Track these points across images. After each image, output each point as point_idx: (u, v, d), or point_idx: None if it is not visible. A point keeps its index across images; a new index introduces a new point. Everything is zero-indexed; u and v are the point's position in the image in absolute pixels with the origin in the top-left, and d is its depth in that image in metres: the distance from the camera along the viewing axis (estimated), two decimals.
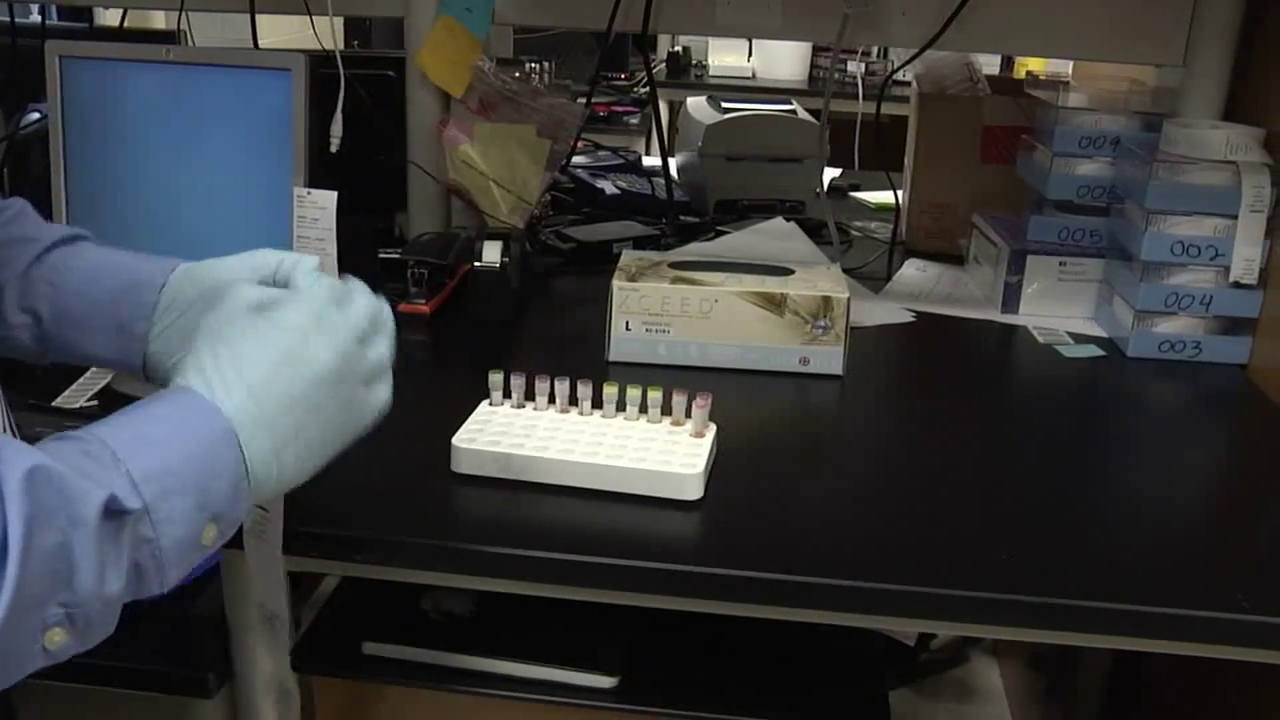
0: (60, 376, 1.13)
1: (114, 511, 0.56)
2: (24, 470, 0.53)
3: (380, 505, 0.87)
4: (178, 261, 0.82)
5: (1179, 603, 0.79)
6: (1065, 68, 1.90)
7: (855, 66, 3.32)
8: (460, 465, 0.91)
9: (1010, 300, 1.41)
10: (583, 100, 1.51)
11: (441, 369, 0.75)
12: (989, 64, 2.05)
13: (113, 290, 0.80)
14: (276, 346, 0.66)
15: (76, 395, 1.10)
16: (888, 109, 1.63)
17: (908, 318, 1.39)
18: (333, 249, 1.12)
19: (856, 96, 2.72)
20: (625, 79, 3.52)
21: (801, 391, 1.15)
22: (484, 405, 0.99)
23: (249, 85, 1.12)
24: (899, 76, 1.69)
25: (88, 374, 1.15)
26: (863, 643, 1.04)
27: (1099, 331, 1.36)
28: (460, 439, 0.92)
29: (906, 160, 1.74)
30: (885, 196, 1.79)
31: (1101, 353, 1.29)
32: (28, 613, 0.53)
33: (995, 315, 1.41)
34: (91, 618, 0.57)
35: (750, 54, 3.83)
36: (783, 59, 3.77)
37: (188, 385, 0.64)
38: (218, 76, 1.13)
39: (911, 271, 1.58)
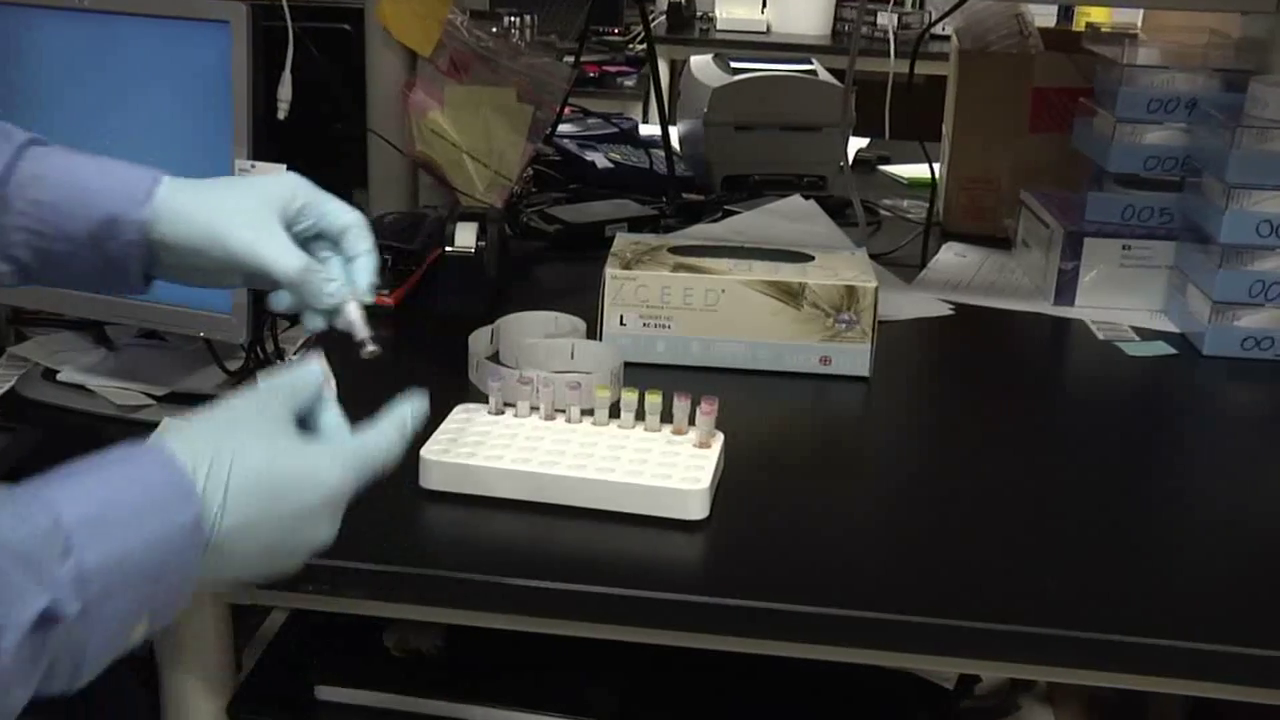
0: None
1: (47, 620, 0.57)
2: None
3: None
4: (153, 179, 0.83)
5: (1260, 642, 0.79)
6: (1133, 18, 1.91)
7: (886, 19, 3.33)
8: (429, 480, 0.92)
9: (1064, 290, 1.41)
10: (570, 59, 1.51)
11: (408, 370, 0.75)
12: (1043, 15, 2.06)
13: (90, 229, 0.82)
14: (288, 503, 0.68)
15: None
16: (923, 68, 1.64)
17: (945, 310, 1.40)
18: None
19: (887, 54, 2.73)
20: (619, 34, 3.52)
21: (821, 395, 1.15)
22: (457, 411, 0.99)
23: (180, 38, 1.12)
24: (936, 30, 1.70)
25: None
26: (893, 686, 1.05)
27: (1169, 326, 1.36)
28: (429, 450, 0.92)
29: (944, 128, 1.74)
30: (920, 170, 1.80)
31: (1172, 351, 1.30)
32: None
33: (1047, 308, 1.41)
34: None
35: (764, 5, 3.84)
36: (801, 11, 3.78)
37: (175, 459, 0.64)
38: (143, 28, 1.13)
39: (949, 257, 1.59)
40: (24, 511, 0.58)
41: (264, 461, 0.67)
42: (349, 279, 0.83)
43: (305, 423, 0.74)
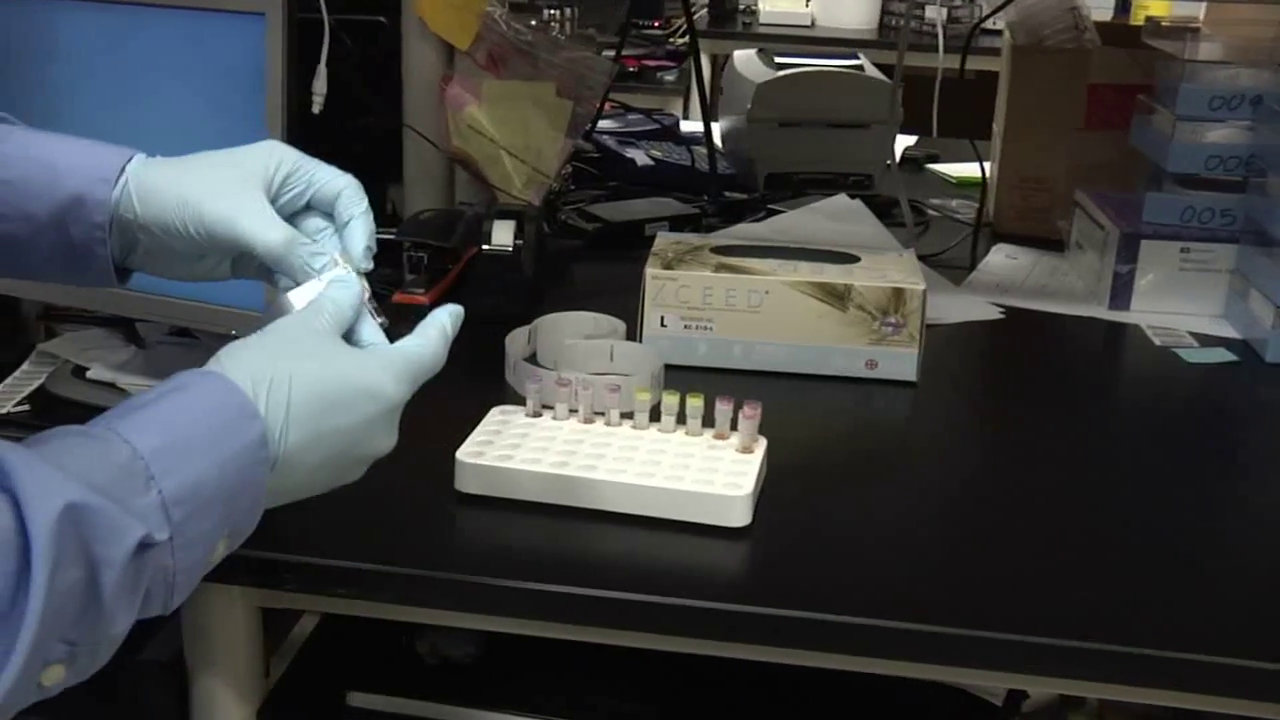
0: None
1: (143, 547, 0.61)
2: (58, 509, 0.57)
3: (369, 529, 0.88)
4: (125, 156, 0.80)
5: None
6: (1195, 11, 1.89)
7: (935, 12, 3.32)
8: (464, 483, 0.92)
9: (1120, 294, 1.40)
10: (610, 53, 1.52)
11: (444, 370, 0.76)
12: (1100, 8, 2.05)
13: (54, 210, 0.79)
14: (347, 415, 0.71)
15: (3, 399, 1.12)
16: (973, 63, 1.64)
17: (995, 314, 1.40)
18: None
19: (936, 49, 2.71)
20: (660, 27, 3.53)
21: (867, 400, 1.15)
22: (494, 413, 1.00)
23: (211, 31, 1.12)
24: (988, 24, 1.69)
25: (16, 374, 1.17)
26: (940, 701, 1.04)
27: (1230, 332, 1.35)
28: (465, 453, 0.93)
29: (995, 126, 1.74)
30: (969, 169, 1.79)
31: (1233, 358, 1.29)
32: (35, 653, 0.57)
33: (1101, 312, 1.41)
34: (95, 654, 0.61)
35: None
36: (847, 4, 3.77)
37: (234, 383, 0.67)
38: (172, 20, 1.13)
39: (1000, 259, 1.58)
40: (104, 449, 0.62)
41: (319, 377, 0.70)
42: (344, 249, 0.79)
43: (349, 336, 0.76)
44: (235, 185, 0.78)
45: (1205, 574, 0.89)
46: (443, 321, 0.77)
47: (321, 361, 0.71)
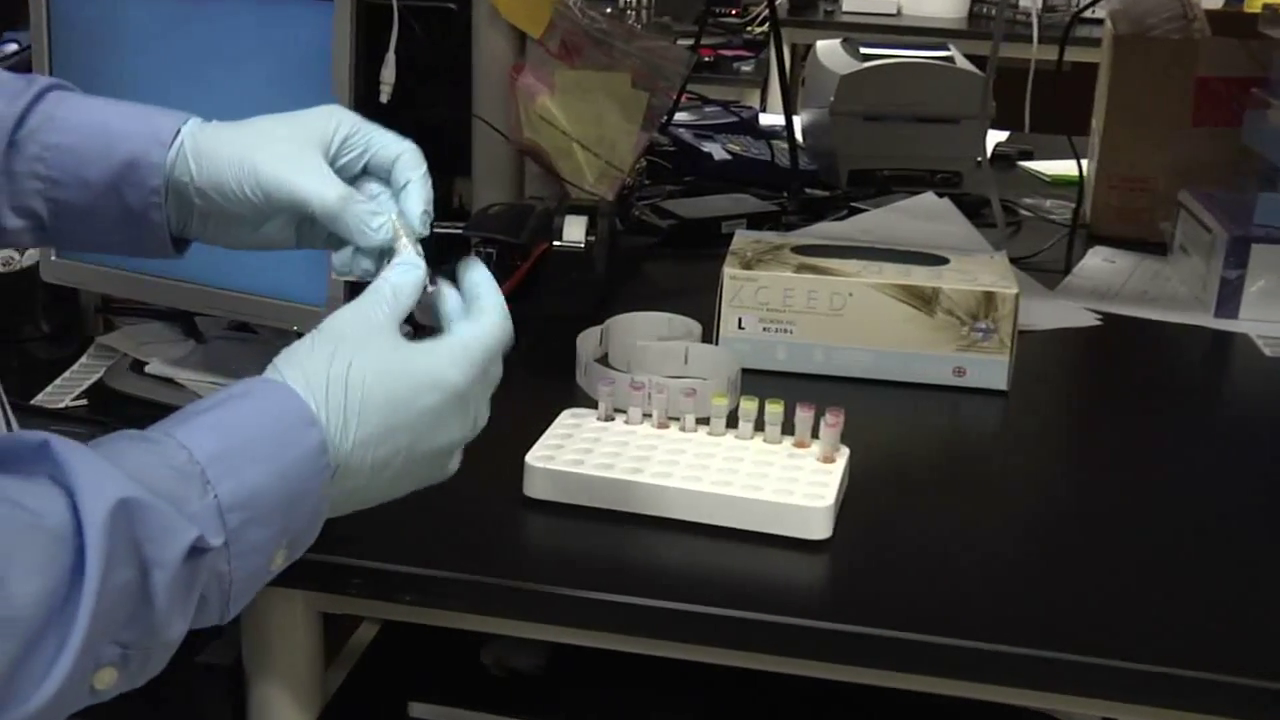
0: (41, 370, 1.18)
1: (197, 551, 0.62)
2: (112, 503, 0.58)
3: (435, 534, 0.90)
4: (180, 120, 0.82)
5: None
6: None
7: (1030, 1, 3.29)
8: (534, 489, 0.94)
9: (1228, 301, 1.39)
10: (688, 43, 1.52)
11: (513, 371, 0.77)
12: None
13: (109, 175, 0.81)
14: (410, 410, 0.72)
15: (61, 393, 1.15)
16: (1071, 55, 1.62)
17: (1091, 321, 1.39)
18: None
19: (1030, 39, 2.70)
20: (737, 15, 3.53)
21: (954, 409, 1.15)
22: (564, 416, 1.01)
23: (278, 16, 1.14)
24: (1087, 13, 1.68)
25: (73, 368, 1.20)
26: None
27: None
28: (534, 457, 0.94)
29: (1094, 121, 1.72)
30: (1065, 167, 1.78)
31: None
32: (87, 652, 0.58)
33: (1207, 320, 1.39)
34: (148, 658, 0.62)
35: None
36: None
37: (293, 389, 0.69)
38: (239, 6, 1.15)
39: (1097, 262, 1.57)
40: (160, 452, 0.63)
41: (379, 374, 0.71)
42: (402, 212, 0.80)
43: (412, 320, 0.76)
44: (292, 145, 0.80)
45: None
46: (488, 293, 0.77)
47: (379, 356, 0.71)
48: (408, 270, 0.76)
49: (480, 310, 0.77)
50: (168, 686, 1.00)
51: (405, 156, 0.81)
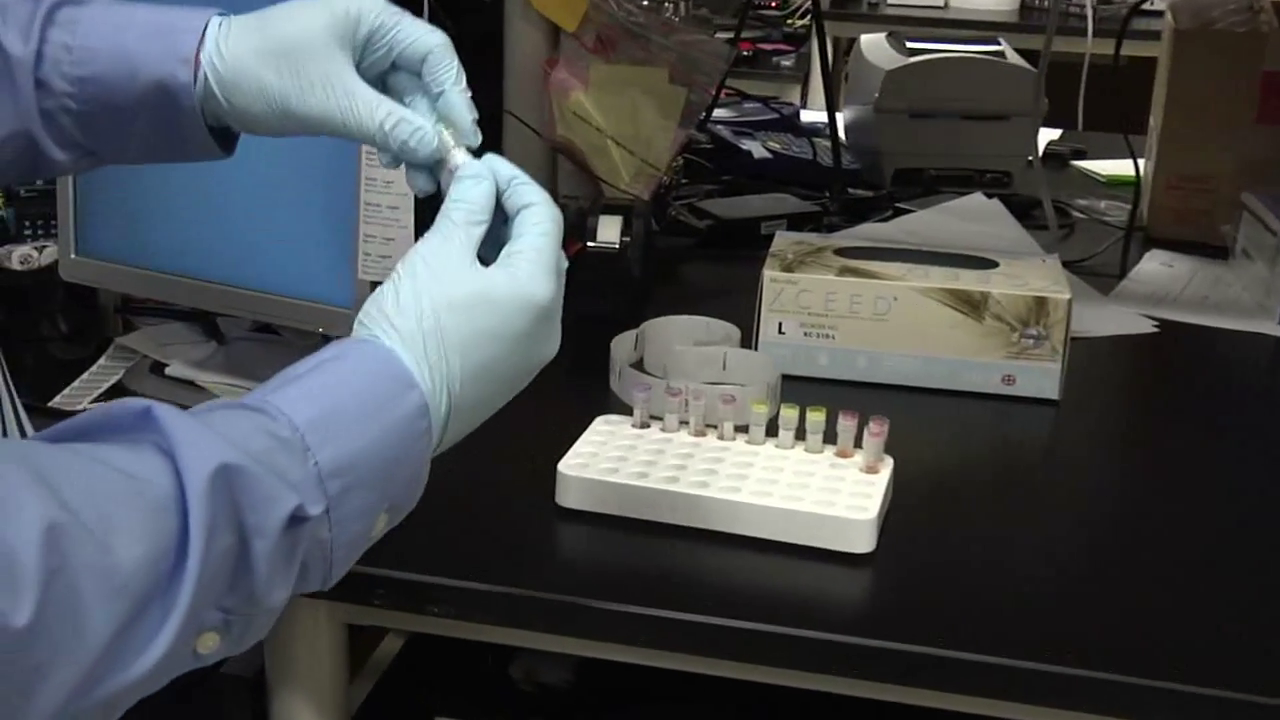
0: (59, 372, 1.19)
1: (297, 519, 0.63)
2: (212, 468, 0.60)
3: (464, 544, 0.90)
4: (197, 29, 0.82)
5: None
6: None
7: None
8: (566, 498, 0.93)
9: None
10: (727, 36, 1.52)
11: (545, 375, 0.76)
12: None
13: (138, 100, 0.81)
14: (499, 340, 0.72)
15: (79, 395, 1.16)
16: (1128, 49, 1.61)
17: (1147, 328, 1.38)
18: (409, 219, 1.15)
19: (1085, 33, 2.68)
20: (778, 8, 3.53)
21: (1003, 419, 1.15)
22: (598, 423, 1.01)
23: None
24: (1145, 6, 1.67)
25: (92, 369, 1.20)
26: None
27: None
28: (568, 465, 0.94)
29: (1152, 119, 1.71)
30: (1121, 167, 1.77)
31: None
32: (191, 617, 0.60)
33: (1270, 328, 1.38)
34: (250, 624, 0.64)
35: None
36: None
37: (390, 349, 0.70)
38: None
39: (1154, 267, 1.56)
40: (258, 420, 0.65)
41: (468, 314, 0.71)
42: (448, 122, 0.79)
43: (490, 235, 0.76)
44: (317, 64, 0.79)
45: None
46: (527, 185, 0.77)
47: (466, 294, 0.72)
48: (470, 186, 0.76)
49: (530, 206, 0.76)
50: (188, 697, 1.01)
51: (435, 56, 0.80)
